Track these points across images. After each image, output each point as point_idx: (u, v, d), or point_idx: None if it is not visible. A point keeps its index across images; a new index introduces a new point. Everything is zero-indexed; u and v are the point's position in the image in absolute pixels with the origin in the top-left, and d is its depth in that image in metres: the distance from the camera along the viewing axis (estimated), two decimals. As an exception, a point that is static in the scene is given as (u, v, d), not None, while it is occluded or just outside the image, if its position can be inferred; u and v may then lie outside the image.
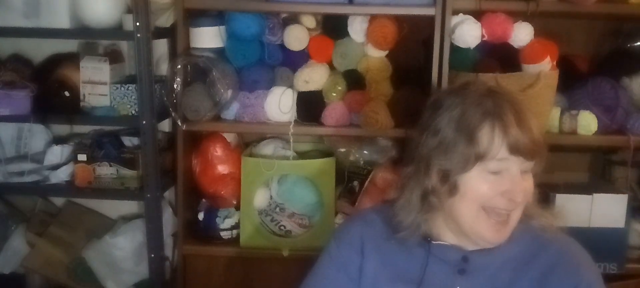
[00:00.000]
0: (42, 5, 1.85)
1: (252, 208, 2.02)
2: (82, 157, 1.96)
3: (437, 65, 1.84)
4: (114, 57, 2.05)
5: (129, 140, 2.07)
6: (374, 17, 1.89)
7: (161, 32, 2.02)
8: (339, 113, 1.93)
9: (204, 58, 1.89)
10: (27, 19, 1.86)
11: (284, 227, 2.05)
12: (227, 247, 2.03)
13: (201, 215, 2.05)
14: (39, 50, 2.18)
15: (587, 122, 1.88)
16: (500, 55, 1.85)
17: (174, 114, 1.91)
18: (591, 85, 1.95)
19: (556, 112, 1.92)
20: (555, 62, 1.85)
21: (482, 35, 1.83)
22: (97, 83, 1.95)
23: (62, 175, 2.01)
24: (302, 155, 2.12)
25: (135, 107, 1.93)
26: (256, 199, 2.03)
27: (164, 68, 2.06)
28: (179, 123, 1.91)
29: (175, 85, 1.90)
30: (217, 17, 1.95)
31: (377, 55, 1.95)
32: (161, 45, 2.10)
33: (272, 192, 2.10)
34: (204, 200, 2.09)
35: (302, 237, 2.02)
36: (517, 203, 1.12)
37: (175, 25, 1.92)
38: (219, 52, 1.95)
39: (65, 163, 2.02)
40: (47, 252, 2.10)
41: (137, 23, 1.80)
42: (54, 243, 2.12)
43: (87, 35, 2.03)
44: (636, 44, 2.07)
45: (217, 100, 1.88)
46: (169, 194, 2.16)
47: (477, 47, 1.85)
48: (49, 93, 1.97)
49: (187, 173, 2.02)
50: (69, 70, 1.98)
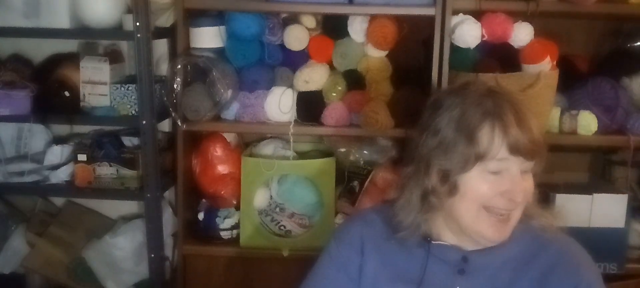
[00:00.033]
0: (42, 5, 1.85)
1: (252, 208, 2.02)
2: (82, 157, 1.96)
3: (437, 65, 1.84)
4: (114, 57, 2.05)
5: (129, 140, 2.07)
6: (374, 17, 1.89)
7: (161, 32, 2.02)
8: (339, 113, 1.93)
9: (204, 58, 1.89)
10: (27, 19, 1.87)
11: (284, 227, 2.05)
12: (227, 247, 2.03)
13: (201, 215, 2.05)
14: (39, 50, 2.18)
15: (587, 122, 1.88)
16: (500, 55, 1.85)
17: (174, 114, 1.91)
18: (591, 85, 1.95)
19: (556, 112, 1.92)
20: (555, 62, 1.85)
21: (482, 35, 1.83)
22: (97, 83, 1.95)
23: (62, 175, 2.01)
24: (302, 155, 2.12)
25: (135, 107, 1.93)
26: (256, 199, 2.03)
27: (164, 68, 2.06)
28: (179, 123, 1.91)
29: (175, 85, 1.90)
30: (217, 17, 1.95)
31: (377, 55, 1.95)
32: (161, 45, 2.10)
33: (272, 192, 2.10)
34: (204, 200, 2.08)
35: (302, 237, 2.02)
36: (517, 203, 1.12)
37: (175, 25, 1.92)
38: (219, 52, 1.95)
39: (65, 163, 2.02)
40: (47, 252, 2.10)
41: (137, 23, 1.80)
42: (54, 243, 2.12)
43: (87, 35, 2.03)
44: (636, 44, 2.07)
45: (217, 100, 1.88)
46: (169, 194, 2.16)
47: (477, 47, 1.85)
48: (49, 93, 1.97)
49: (187, 173, 2.02)
50: (69, 70, 1.99)
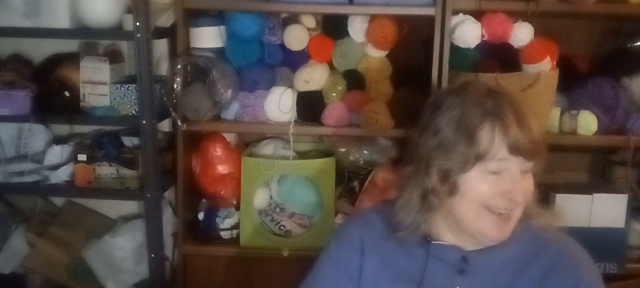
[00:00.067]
0: (42, 5, 1.85)
1: (252, 208, 2.02)
2: (82, 157, 1.96)
3: (437, 65, 1.84)
4: (114, 57, 2.05)
5: (129, 140, 2.07)
6: (374, 17, 1.89)
7: (161, 32, 2.02)
8: (339, 113, 1.93)
9: (204, 58, 1.89)
10: (27, 19, 1.87)
11: (284, 227, 2.05)
12: (227, 247, 2.03)
13: (201, 215, 2.05)
14: (39, 50, 2.18)
15: (587, 122, 1.88)
16: (500, 55, 1.85)
17: (174, 114, 1.91)
18: (591, 85, 1.95)
19: (556, 112, 1.92)
20: (555, 62, 1.85)
21: (482, 35, 1.83)
22: (97, 83, 1.95)
23: (62, 175, 2.01)
24: (302, 155, 2.12)
25: (135, 107, 1.93)
26: (256, 199, 2.03)
27: (164, 68, 2.06)
28: (179, 123, 1.91)
29: (175, 85, 1.90)
30: (217, 17, 1.95)
31: (377, 55, 1.95)
32: (161, 45, 2.10)
33: (272, 192, 2.10)
34: (204, 200, 2.08)
35: (302, 237, 2.02)
36: (517, 203, 1.12)
37: (175, 25, 1.92)
38: (219, 52, 1.95)
39: (65, 163, 2.02)
40: (47, 252, 2.10)
41: (137, 23, 1.80)
42: (54, 243, 2.12)
43: (87, 35, 2.03)
44: (636, 44, 2.07)
45: (217, 100, 1.88)
46: (169, 194, 2.16)
47: (477, 47, 1.85)
48: (49, 93, 1.97)
49: (187, 173, 2.02)
50: (69, 70, 1.98)
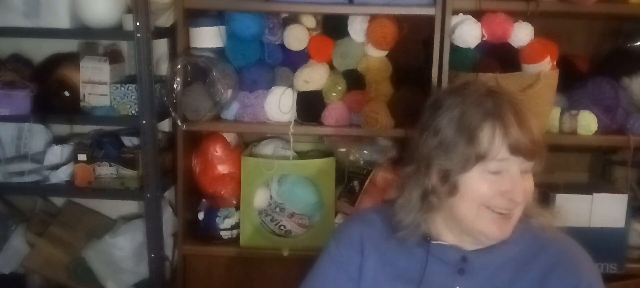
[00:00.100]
0: (42, 5, 1.85)
1: (252, 208, 2.02)
2: (82, 157, 1.96)
3: (437, 65, 1.84)
4: (114, 57, 2.05)
5: (129, 140, 2.07)
6: (374, 17, 1.89)
7: (161, 32, 2.02)
8: (339, 113, 1.93)
9: (204, 58, 1.89)
10: (27, 19, 1.87)
11: (284, 227, 2.05)
12: (227, 247, 2.03)
13: (201, 215, 2.05)
14: (39, 50, 2.17)
15: (587, 122, 1.88)
16: (500, 55, 1.85)
17: (174, 114, 1.91)
18: (591, 85, 1.95)
19: (556, 112, 1.92)
20: (555, 62, 1.85)
21: (482, 35, 1.83)
22: (97, 83, 1.95)
23: (62, 175, 2.01)
24: (302, 155, 2.12)
25: (135, 107, 1.93)
26: (256, 199, 2.03)
27: (164, 68, 2.06)
28: (179, 123, 1.91)
29: (175, 85, 1.90)
30: (217, 17, 1.95)
31: (377, 55, 1.95)
32: (161, 45, 2.10)
33: (272, 192, 2.10)
34: (204, 200, 2.08)
35: (302, 237, 2.02)
36: (517, 203, 1.12)
37: (175, 25, 1.92)
38: (219, 52, 1.95)
39: (65, 163, 2.02)
40: (47, 252, 2.10)
41: (137, 23, 1.80)
42: (54, 243, 2.12)
43: (87, 35, 2.03)
44: (636, 44, 2.07)
45: (217, 100, 1.88)
46: (169, 194, 2.16)
47: (477, 47, 1.85)
48: (49, 93, 1.97)
49: (187, 173, 2.02)
50: (69, 70, 1.98)
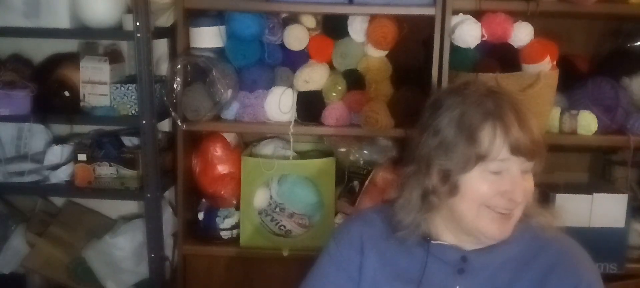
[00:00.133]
0: (42, 5, 1.85)
1: (252, 208, 2.02)
2: (82, 157, 1.96)
3: (437, 65, 1.84)
4: (114, 57, 2.05)
5: (129, 140, 2.07)
6: (374, 17, 1.89)
7: (161, 32, 2.02)
8: (339, 113, 1.93)
9: (204, 58, 1.89)
10: (27, 19, 1.87)
11: (284, 227, 2.05)
12: (227, 247, 2.03)
13: (201, 215, 2.05)
14: (39, 50, 2.18)
15: (587, 122, 1.88)
16: (500, 55, 1.85)
17: (174, 114, 1.90)
18: (591, 85, 1.95)
19: (556, 112, 1.92)
20: (555, 62, 1.85)
21: (482, 35, 1.83)
22: (97, 83, 1.95)
23: (62, 175, 2.01)
24: (302, 155, 2.12)
25: (135, 107, 1.93)
26: (256, 199, 2.03)
27: (164, 68, 2.06)
28: (179, 123, 1.91)
29: (175, 85, 1.90)
30: (217, 17, 1.95)
31: (377, 55, 1.95)
32: (161, 45, 2.10)
33: (272, 192, 2.10)
34: (204, 200, 2.08)
35: (302, 237, 2.02)
36: (517, 203, 1.12)
37: (175, 25, 1.92)
38: (219, 52, 1.95)
39: (65, 163, 2.02)
40: (47, 252, 2.10)
41: (137, 23, 1.80)
42: (54, 243, 2.12)
43: (87, 35, 2.03)
44: (636, 44, 2.07)
45: (217, 100, 1.88)
46: (169, 194, 2.16)
47: (477, 47, 1.85)
48: (49, 93, 1.97)
49: (187, 173, 2.02)
50: (69, 70, 1.99)
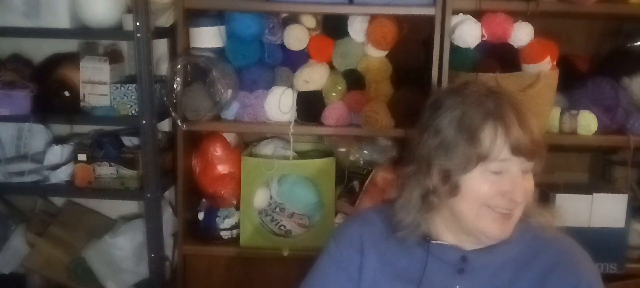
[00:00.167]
0: (42, 5, 1.85)
1: (252, 208, 2.02)
2: (82, 157, 1.96)
3: (437, 65, 1.84)
4: (114, 57, 2.05)
5: (129, 140, 2.07)
6: (374, 17, 1.89)
7: (161, 32, 2.02)
8: (339, 113, 1.93)
9: (204, 58, 1.89)
10: (27, 19, 1.87)
11: (284, 227, 2.05)
12: (227, 247, 2.03)
13: (201, 215, 2.05)
14: (39, 50, 2.17)
15: (587, 122, 1.88)
16: (500, 55, 1.85)
17: (174, 114, 1.91)
18: (591, 85, 1.95)
19: (556, 112, 1.92)
20: (555, 62, 1.85)
21: (482, 35, 1.83)
22: (97, 83, 1.95)
23: (62, 175, 2.01)
24: (302, 155, 2.12)
25: (135, 107, 1.93)
26: (256, 199, 2.03)
27: (164, 68, 2.06)
28: (179, 123, 1.91)
29: (175, 85, 1.90)
30: (217, 17, 1.95)
31: (377, 55, 1.95)
32: (161, 45, 2.10)
33: (272, 192, 2.10)
34: (204, 200, 2.08)
35: (302, 237, 2.02)
36: (518, 203, 1.12)
37: (175, 25, 1.92)
38: (219, 52, 1.95)
39: (65, 163, 2.02)
40: (47, 252, 2.10)
41: (137, 23, 1.80)
42: (54, 243, 2.12)
43: (87, 35, 2.04)
44: (636, 44, 2.07)
45: (217, 100, 1.88)
46: (169, 194, 2.16)
47: (477, 47, 1.85)
48: (49, 93, 1.97)
49: (187, 173, 2.02)
50: (69, 70, 1.98)
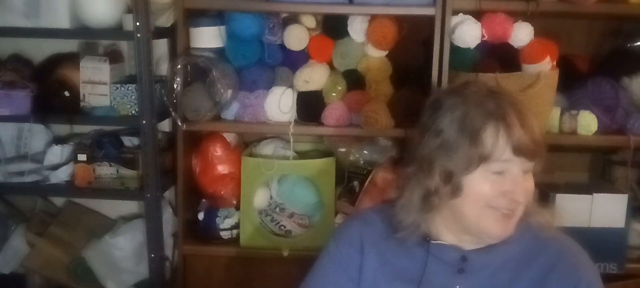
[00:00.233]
0: (42, 5, 1.85)
1: (252, 208, 2.02)
2: (82, 157, 1.96)
3: (437, 65, 1.84)
4: (114, 57, 2.05)
5: (129, 140, 2.07)
6: (374, 17, 1.89)
7: (161, 32, 2.02)
8: (339, 113, 1.93)
9: (204, 58, 1.89)
10: (27, 19, 1.87)
11: (284, 227, 2.05)
12: (227, 247, 2.03)
13: (201, 215, 2.05)
14: (39, 50, 2.17)
15: (587, 122, 1.88)
16: (500, 55, 1.85)
17: (174, 114, 1.91)
18: (591, 85, 1.95)
19: (556, 112, 1.92)
20: (555, 62, 1.85)
21: (482, 35, 1.83)
22: (97, 83, 1.95)
23: (62, 175, 2.01)
24: (302, 155, 2.12)
25: (135, 107, 1.92)
26: (256, 199, 2.03)
27: (164, 68, 2.06)
28: (179, 123, 1.91)
29: (175, 85, 1.90)
30: (217, 17, 1.95)
31: (377, 55, 1.95)
32: (161, 45, 2.10)
33: (272, 192, 2.10)
34: (204, 200, 2.08)
35: (302, 237, 2.02)
36: (519, 203, 1.12)
37: (175, 25, 1.92)
38: (219, 52, 1.95)
39: (65, 163, 2.02)
40: (47, 252, 2.10)
41: (137, 23, 1.80)
42: (54, 243, 2.12)
43: (87, 35, 2.04)
44: (636, 44, 2.07)
45: (217, 100, 1.88)
46: (169, 194, 2.16)
47: (477, 47, 1.85)
48: (49, 93, 1.97)
49: (187, 173, 2.02)
50: (69, 70, 1.98)
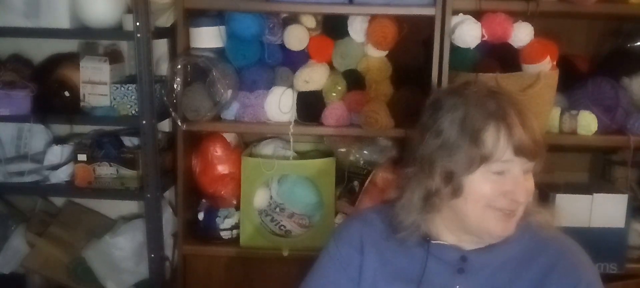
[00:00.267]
0: (42, 5, 1.85)
1: (252, 208, 2.02)
2: (82, 157, 1.96)
3: (437, 65, 1.84)
4: (114, 57, 2.05)
5: (129, 140, 2.07)
6: (374, 17, 1.89)
7: (161, 32, 2.02)
8: (339, 113, 1.93)
9: (204, 58, 1.89)
10: (27, 19, 1.87)
11: (284, 227, 2.05)
12: (227, 247, 2.03)
13: (201, 215, 2.05)
14: (39, 50, 2.17)
15: (587, 122, 1.88)
16: (500, 55, 1.85)
17: (174, 114, 1.91)
18: (591, 85, 1.95)
19: (556, 112, 1.92)
20: (555, 62, 1.85)
21: (482, 35, 1.83)
22: (97, 83, 1.95)
23: (62, 175, 2.01)
24: (302, 155, 2.12)
25: (135, 107, 1.93)
26: (256, 199, 2.03)
27: (164, 68, 2.06)
28: (179, 123, 1.91)
29: (175, 85, 1.90)
30: (217, 17, 1.95)
31: (377, 55, 1.95)
32: (161, 45, 2.10)
33: (272, 192, 2.10)
34: (204, 200, 2.08)
35: (302, 237, 2.02)
36: (520, 203, 1.12)
37: (175, 25, 1.92)
38: (219, 52, 1.95)
39: (65, 163, 2.02)
40: (47, 252, 2.10)
41: (137, 23, 1.80)
42: (54, 243, 2.12)
43: (87, 35, 2.04)
44: (636, 44, 2.07)
45: (217, 100, 1.88)
46: (169, 194, 2.16)
47: (477, 47, 1.85)
48: (49, 93, 1.97)
49: (187, 173, 2.02)
50: (69, 70, 1.99)
